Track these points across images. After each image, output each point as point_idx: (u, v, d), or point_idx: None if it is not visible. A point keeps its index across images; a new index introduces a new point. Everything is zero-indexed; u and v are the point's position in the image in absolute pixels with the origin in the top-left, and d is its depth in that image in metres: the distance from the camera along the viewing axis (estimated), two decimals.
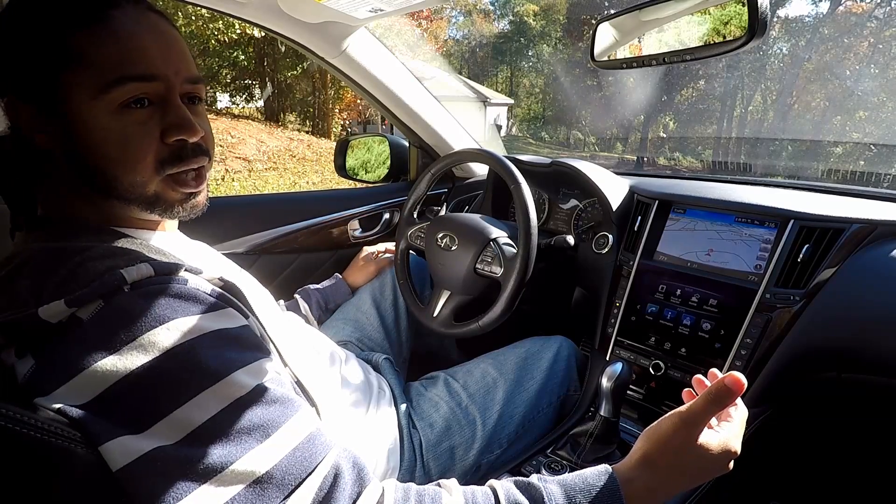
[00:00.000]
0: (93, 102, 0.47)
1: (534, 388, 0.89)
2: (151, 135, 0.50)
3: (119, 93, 0.48)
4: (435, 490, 0.50)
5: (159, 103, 0.51)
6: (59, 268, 0.44)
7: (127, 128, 0.49)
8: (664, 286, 0.92)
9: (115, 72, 0.47)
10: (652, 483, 0.50)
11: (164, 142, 0.51)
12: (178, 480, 0.39)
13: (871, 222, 0.80)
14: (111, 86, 0.47)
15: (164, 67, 0.50)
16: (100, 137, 0.49)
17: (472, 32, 30.24)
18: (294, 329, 0.77)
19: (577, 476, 0.50)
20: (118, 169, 0.50)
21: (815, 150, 13.42)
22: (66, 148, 0.49)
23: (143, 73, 0.48)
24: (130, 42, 0.48)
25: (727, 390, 0.49)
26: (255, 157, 9.02)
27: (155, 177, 0.51)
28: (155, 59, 0.49)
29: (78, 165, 0.50)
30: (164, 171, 0.52)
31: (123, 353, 0.41)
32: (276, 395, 0.46)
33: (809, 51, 21.34)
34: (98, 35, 0.47)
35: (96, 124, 0.48)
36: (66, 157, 0.50)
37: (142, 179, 0.51)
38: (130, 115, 0.49)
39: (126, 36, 0.48)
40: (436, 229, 1.05)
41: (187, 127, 0.51)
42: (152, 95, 0.50)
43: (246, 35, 10.49)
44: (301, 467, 0.43)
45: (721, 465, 0.51)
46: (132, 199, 0.52)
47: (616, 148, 23.70)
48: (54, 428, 0.38)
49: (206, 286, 0.48)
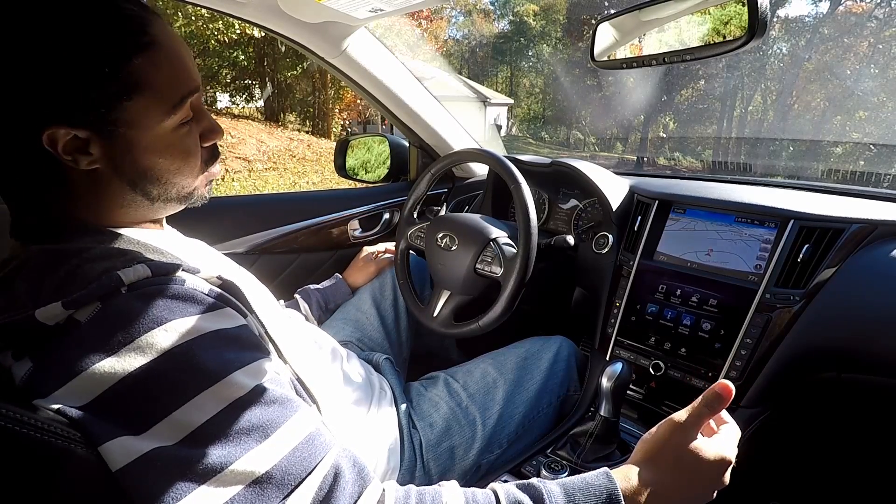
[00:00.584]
0: (160, 124, 0.50)
1: (534, 388, 0.89)
2: (197, 142, 0.55)
3: (182, 112, 0.51)
4: (435, 490, 0.50)
5: (196, 111, 0.54)
6: (56, 270, 0.44)
7: (185, 140, 0.53)
8: (664, 286, 0.92)
9: (178, 93, 0.50)
10: (653, 486, 0.50)
11: (203, 145, 0.56)
12: (177, 481, 0.39)
13: (871, 222, 0.80)
14: (177, 107, 0.50)
15: (198, 77, 0.53)
16: (164, 153, 0.52)
17: (472, 32, 30.26)
18: (294, 326, 0.77)
19: (576, 477, 0.51)
20: (177, 177, 0.54)
21: (815, 150, 13.43)
22: (124, 166, 0.50)
23: (194, 87, 0.52)
24: (179, 60, 0.51)
25: (717, 396, 0.51)
26: (255, 157, 9.02)
27: (199, 176, 0.57)
28: (193, 72, 0.52)
29: (134, 178, 0.51)
30: (205, 169, 0.57)
31: (121, 355, 0.41)
32: (275, 395, 0.46)
33: (809, 51, 21.34)
34: (153, 59, 0.48)
35: (161, 142, 0.51)
36: (118, 172, 0.50)
37: (191, 181, 0.56)
38: (184, 129, 0.53)
39: (174, 55, 0.50)
40: (436, 229, 1.05)
41: (218, 129, 0.57)
42: (193, 106, 0.53)
43: (246, 35, 10.47)
44: (300, 467, 0.43)
45: (718, 473, 0.52)
46: (177, 198, 0.56)
47: (616, 148, 23.71)
48: (54, 428, 0.38)
49: (204, 286, 0.48)
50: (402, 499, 0.48)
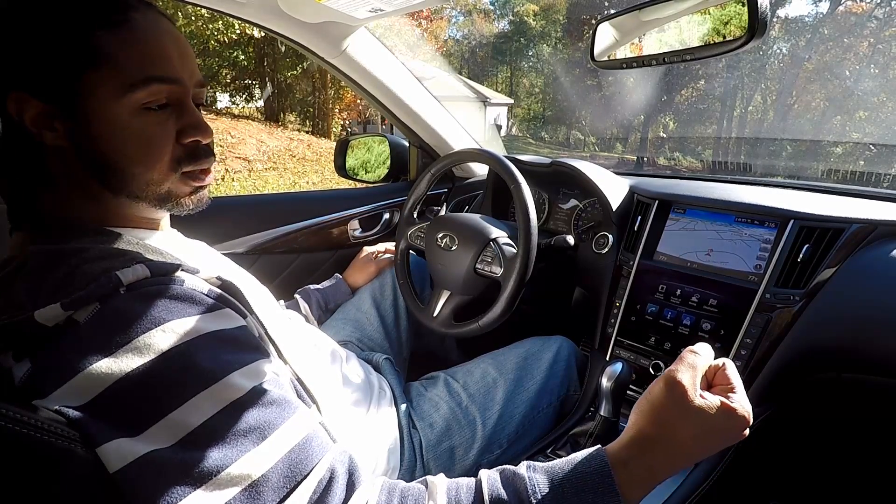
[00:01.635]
0: (116, 101, 0.48)
1: (534, 388, 0.89)
2: (168, 135, 0.52)
3: (143, 93, 0.49)
4: (419, 489, 0.48)
5: (175, 105, 0.52)
6: (55, 270, 0.44)
7: (147, 128, 0.50)
8: (664, 286, 0.92)
9: (141, 73, 0.49)
10: (650, 460, 0.46)
11: (180, 142, 0.53)
12: (174, 483, 0.38)
13: (871, 222, 0.80)
14: (136, 86, 0.48)
15: (182, 71, 0.52)
16: (120, 136, 0.50)
17: (472, 32, 30.26)
18: (294, 327, 0.77)
19: (566, 462, 0.47)
20: (136, 167, 0.51)
21: (814, 150, 13.42)
22: (82, 145, 0.49)
23: (166, 76, 0.50)
24: (154, 45, 0.50)
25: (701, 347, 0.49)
26: (255, 157, 9.02)
27: (170, 175, 0.53)
28: (175, 63, 0.51)
29: (93, 163, 0.50)
30: (180, 169, 0.54)
31: (119, 355, 0.40)
32: (272, 396, 0.45)
33: (809, 51, 21.34)
34: (123, 36, 0.48)
35: (118, 123, 0.49)
36: (79, 153, 0.50)
37: (158, 177, 0.52)
38: (150, 116, 0.50)
39: (150, 39, 0.49)
40: (436, 229, 1.05)
41: (203, 128, 0.54)
42: (170, 97, 0.51)
43: (246, 35, 10.49)
44: (297, 470, 0.43)
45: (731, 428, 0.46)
46: (145, 196, 0.53)
47: (616, 148, 23.69)
48: (54, 428, 0.38)
49: (203, 286, 0.48)
50: (385, 500, 0.46)
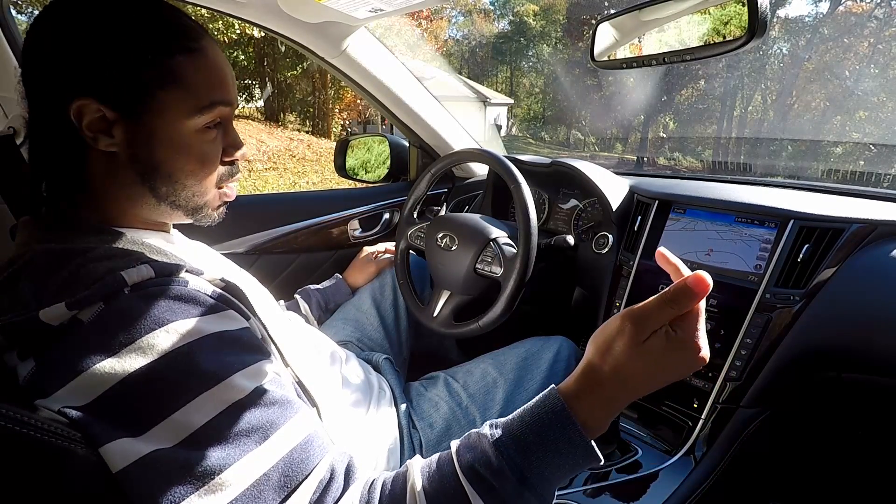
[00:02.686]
0: (184, 121, 0.52)
1: (534, 388, 0.88)
2: (218, 153, 0.56)
3: (209, 115, 0.53)
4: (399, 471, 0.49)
5: (223, 126, 0.57)
6: (60, 270, 0.44)
7: (205, 145, 0.54)
8: (664, 286, 0.92)
9: (209, 97, 0.53)
10: (603, 392, 0.45)
11: (224, 159, 0.57)
12: (176, 483, 0.39)
13: (871, 222, 0.80)
14: (204, 109, 0.52)
15: (234, 94, 0.57)
16: (182, 151, 0.53)
17: (472, 32, 30.27)
18: (295, 329, 0.77)
19: (523, 409, 0.48)
20: (189, 179, 0.54)
21: (814, 150, 13.43)
22: (140, 154, 0.51)
23: (227, 100, 0.55)
24: (219, 71, 0.54)
25: (689, 290, 0.42)
26: (255, 157, 9.02)
27: (213, 189, 0.57)
28: (231, 87, 0.56)
29: (148, 171, 0.52)
30: (221, 184, 0.58)
31: (122, 355, 0.41)
32: (274, 397, 0.46)
33: (809, 51, 21.34)
34: (197, 62, 0.52)
35: (182, 140, 0.52)
36: (134, 161, 0.52)
37: (203, 190, 0.56)
38: (207, 135, 0.54)
39: (217, 65, 0.54)
40: (436, 229, 1.05)
41: (241, 146, 0.59)
42: (222, 118, 0.55)
43: (246, 35, 10.49)
44: (298, 470, 0.43)
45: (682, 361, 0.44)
46: (185, 205, 0.56)
47: (616, 148, 23.71)
48: (55, 428, 0.38)
49: (207, 287, 0.48)
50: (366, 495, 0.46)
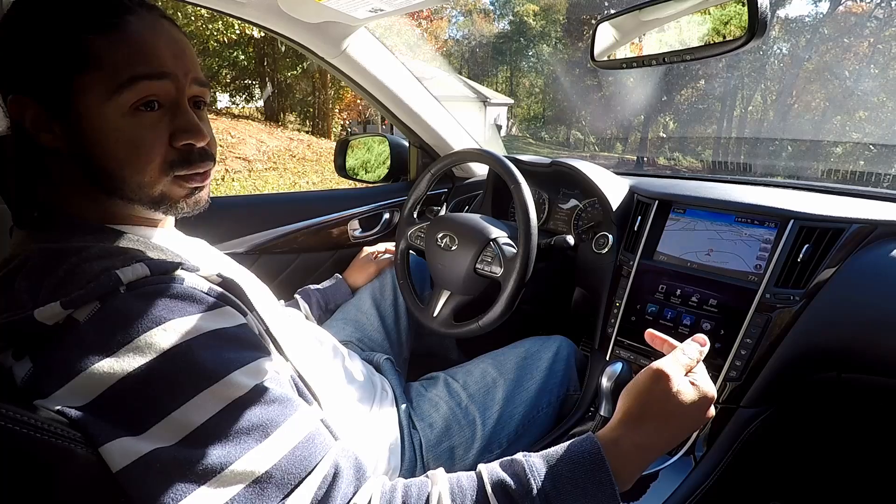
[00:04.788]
0: (105, 104, 0.48)
1: (533, 388, 0.89)
2: (161, 138, 0.51)
3: (131, 93, 0.49)
4: (421, 482, 0.49)
5: (169, 107, 0.52)
6: (56, 269, 0.44)
7: (137, 130, 0.50)
8: (664, 286, 0.92)
9: (127, 72, 0.48)
10: (638, 438, 0.50)
11: (173, 145, 0.52)
12: (177, 481, 0.39)
13: (871, 222, 0.80)
14: (123, 86, 0.48)
15: (174, 67, 0.51)
16: (110, 139, 0.49)
17: (472, 32, 30.25)
18: (295, 323, 0.77)
19: (560, 446, 0.50)
20: (126, 170, 0.51)
21: (814, 150, 13.41)
22: (75, 148, 0.50)
23: (152, 72, 0.49)
24: (142, 44, 0.49)
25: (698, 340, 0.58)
26: (255, 157, 9.02)
27: (162, 178, 0.52)
28: (165, 59, 0.50)
29: (85, 165, 0.50)
30: (172, 172, 0.53)
31: (120, 355, 0.41)
32: (274, 394, 0.45)
33: (809, 51, 21.34)
34: (113, 39, 0.48)
35: (107, 126, 0.49)
36: (73, 156, 0.50)
37: (149, 180, 0.52)
38: (141, 118, 0.50)
39: (139, 39, 0.49)
40: (436, 229, 1.05)
41: (195, 131, 0.53)
42: (162, 97, 0.51)
43: (246, 35, 10.48)
44: (300, 467, 0.43)
45: (701, 410, 0.53)
46: (138, 198, 0.53)
47: (616, 148, 23.69)
48: (55, 428, 0.38)
49: (204, 285, 0.48)
50: (389, 491, 0.47)
